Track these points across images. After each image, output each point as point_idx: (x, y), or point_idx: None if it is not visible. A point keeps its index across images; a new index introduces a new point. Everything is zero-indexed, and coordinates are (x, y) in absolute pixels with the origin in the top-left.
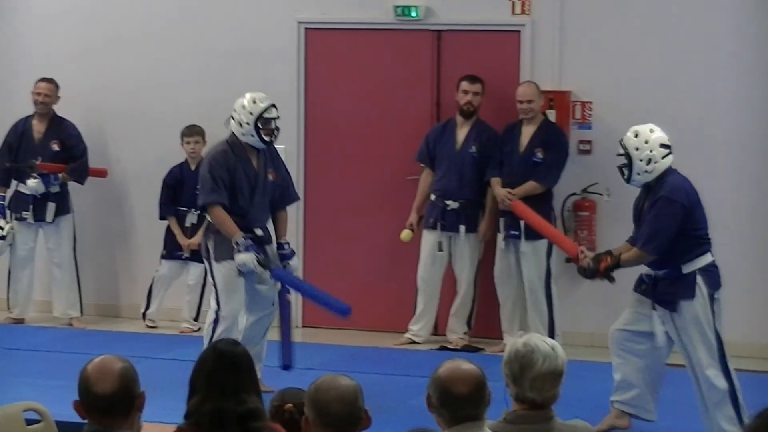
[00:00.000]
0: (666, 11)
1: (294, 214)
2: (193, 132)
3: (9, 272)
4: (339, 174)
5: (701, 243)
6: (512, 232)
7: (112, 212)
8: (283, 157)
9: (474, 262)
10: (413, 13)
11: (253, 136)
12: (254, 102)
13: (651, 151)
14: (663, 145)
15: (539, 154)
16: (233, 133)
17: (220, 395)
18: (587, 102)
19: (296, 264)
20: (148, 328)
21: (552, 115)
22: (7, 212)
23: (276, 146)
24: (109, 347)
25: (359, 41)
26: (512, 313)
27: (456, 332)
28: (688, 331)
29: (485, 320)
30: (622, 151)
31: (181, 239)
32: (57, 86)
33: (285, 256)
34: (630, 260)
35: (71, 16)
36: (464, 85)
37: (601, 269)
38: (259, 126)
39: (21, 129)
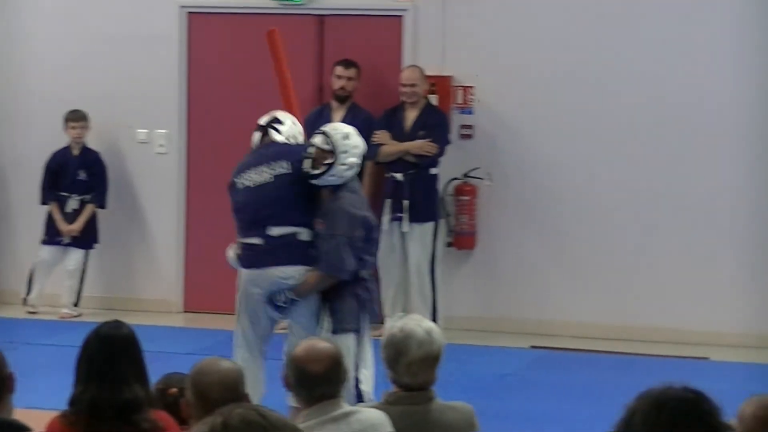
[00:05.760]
0: None
1: (176, 196)
2: (77, 117)
3: None
4: (222, 158)
5: None
6: (397, 214)
7: None
8: (164, 142)
9: None
10: None
11: None
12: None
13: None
14: None
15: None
16: None
17: (99, 384)
18: (469, 87)
19: None
20: (29, 314)
21: (434, 99)
22: None
23: (158, 131)
24: None
25: (242, 26)
26: (395, 296)
27: None
28: None
29: None
30: None
31: (62, 225)
32: None
33: None
34: None
35: None
36: (338, 70)
37: None
38: None
39: None
